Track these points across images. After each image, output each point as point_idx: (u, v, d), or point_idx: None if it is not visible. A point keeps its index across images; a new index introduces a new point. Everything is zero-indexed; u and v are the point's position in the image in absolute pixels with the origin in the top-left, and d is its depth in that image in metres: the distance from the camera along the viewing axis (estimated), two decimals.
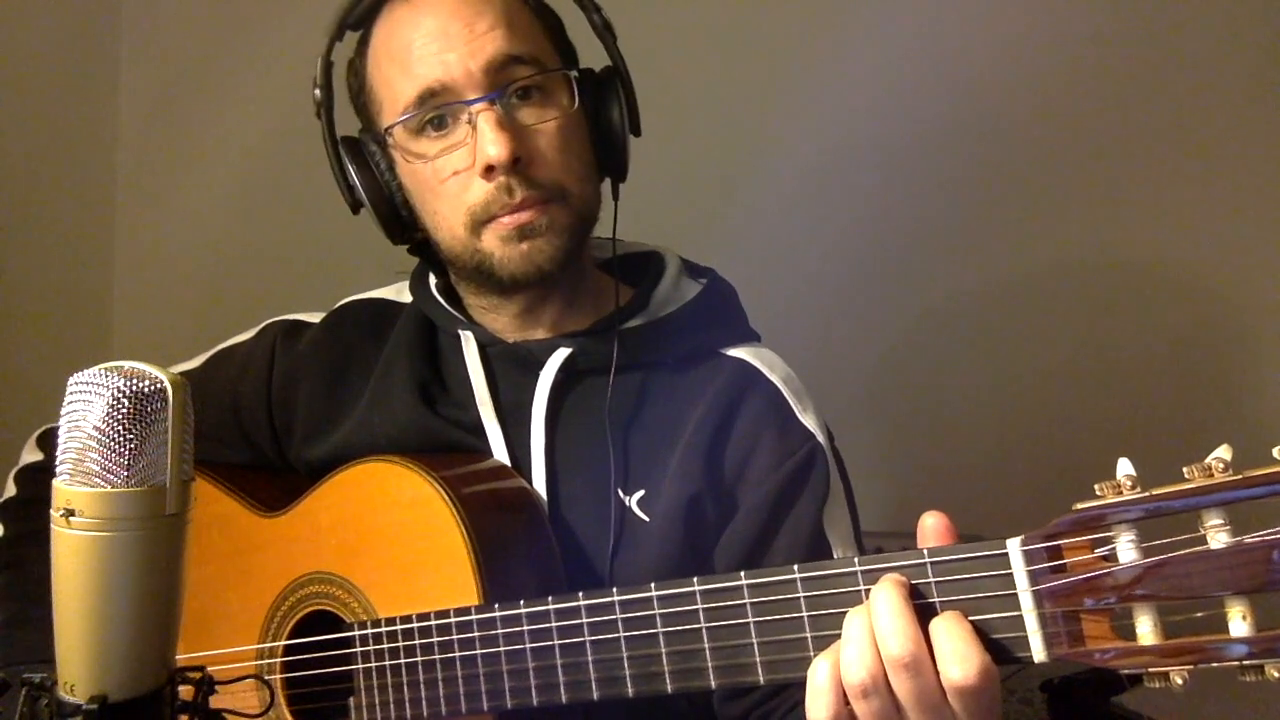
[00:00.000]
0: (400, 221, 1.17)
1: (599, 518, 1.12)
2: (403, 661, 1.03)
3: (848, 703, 0.77)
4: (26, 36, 2.34)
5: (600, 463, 1.13)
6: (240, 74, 2.53)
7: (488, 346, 1.20)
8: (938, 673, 0.74)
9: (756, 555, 1.10)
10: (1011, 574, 0.74)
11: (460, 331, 1.21)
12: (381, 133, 1.13)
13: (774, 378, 1.18)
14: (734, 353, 1.20)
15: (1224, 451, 0.68)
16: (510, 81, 1.08)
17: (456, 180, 1.09)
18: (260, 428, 1.31)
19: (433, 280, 1.26)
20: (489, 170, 1.06)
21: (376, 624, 1.06)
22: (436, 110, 1.08)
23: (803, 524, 1.11)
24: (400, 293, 1.31)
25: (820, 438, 1.15)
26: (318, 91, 1.17)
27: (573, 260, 1.14)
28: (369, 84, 1.15)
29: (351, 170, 1.16)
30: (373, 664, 1.06)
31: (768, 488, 1.12)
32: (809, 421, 1.15)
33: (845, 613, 0.79)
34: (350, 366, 1.27)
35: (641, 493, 1.13)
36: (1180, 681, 0.68)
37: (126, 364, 0.66)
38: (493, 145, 1.05)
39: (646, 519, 1.12)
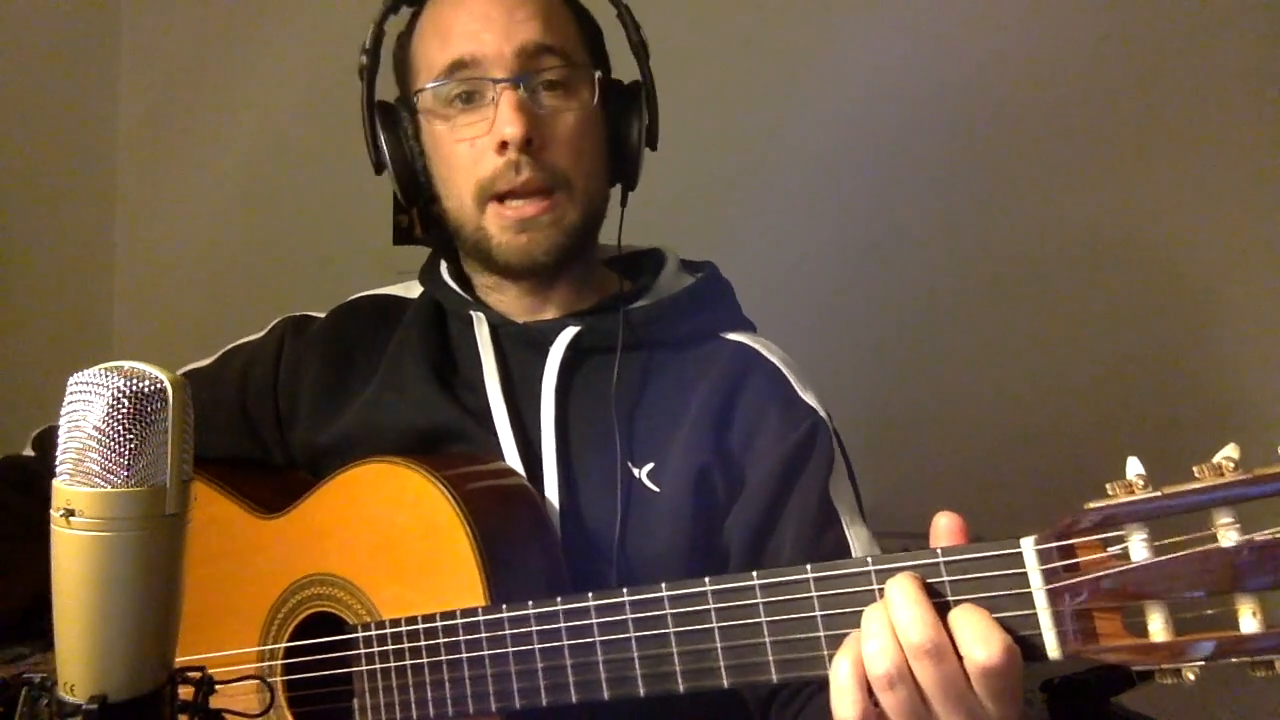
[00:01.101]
0: (417, 186, 1.23)
1: (610, 491, 1.14)
2: (409, 663, 1.03)
3: (873, 697, 0.76)
4: (26, 37, 2.34)
5: (609, 438, 1.15)
6: (240, 75, 2.54)
7: (499, 327, 1.23)
8: (960, 658, 0.73)
9: (767, 527, 1.12)
10: (1026, 572, 0.75)
11: (472, 313, 1.24)
12: (412, 97, 1.20)
13: (774, 359, 1.22)
14: (733, 337, 1.24)
15: (1232, 450, 0.68)
16: (538, 69, 1.15)
17: (471, 151, 1.15)
18: (265, 415, 1.32)
19: (444, 267, 1.29)
20: (502, 146, 1.12)
21: (381, 625, 1.06)
22: (464, 83, 1.15)
23: (811, 493, 1.13)
24: (408, 289, 1.34)
25: (822, 414, 1.18)
26: (364, 57, 1.23)
27: (573, 256, 1.19)
28: (410, 54, 1.22)
29: (381, 132, 1.22)
30: (376, 665, 1.06)
31: (774, 459, 1.14)
32: (810, 399, 1.18)
33: (858, 611, 0.79)
34: (356, 353, 1.29)
35: (651, 465, 1.15)
36: (1191, 678, 0.69)
37: (126, 364, 0.65)
38: (509, 124, 1.11)
39: (657, 489, 1.14)
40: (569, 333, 1.19)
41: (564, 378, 1.18)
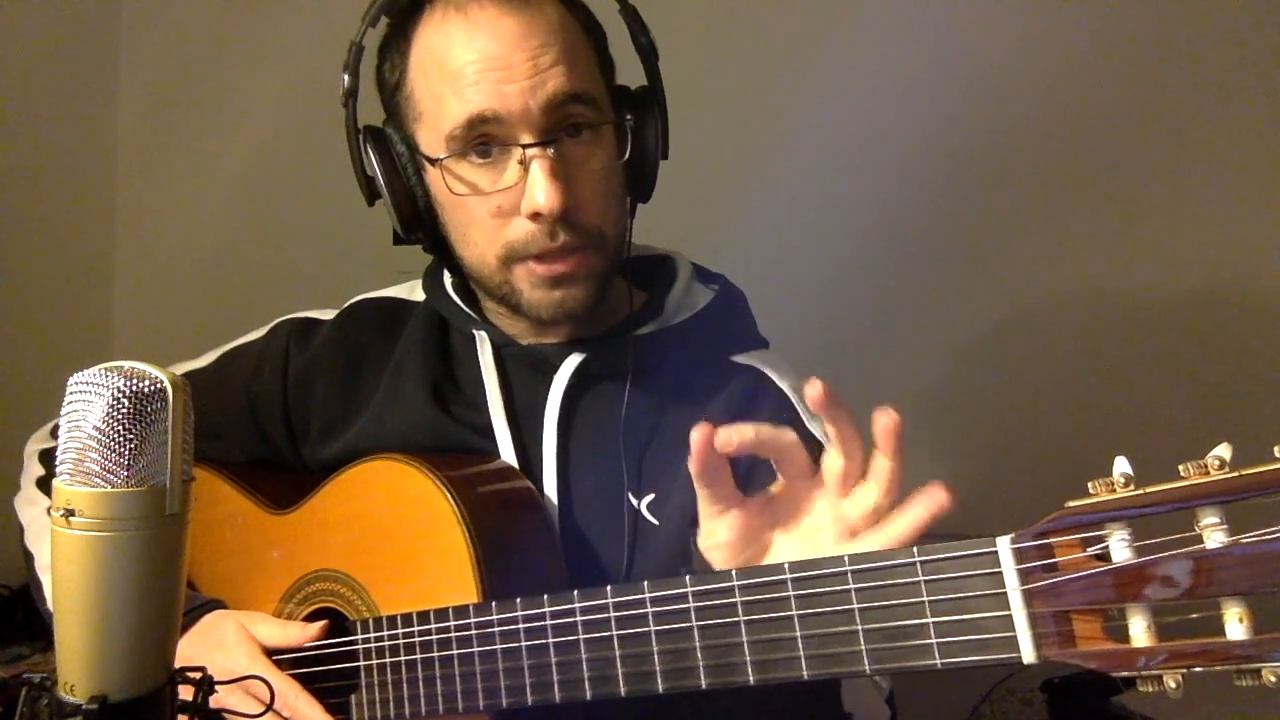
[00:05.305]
0: (418, 221, 1.15)
1: (610, 521, 1.13)
2: (402, 659, 1.04)
3: None
4: (26, 37, 2.34)
5: (611, 466, 1.13)
6: (240, 74, 2.54)
7: (502, 348, 1.21)
8: None
9: None
10: (1001, 573, 0.73)
11: (475, 332, 1.21)
12: (411, 135, 1.12)
13: (784, 385, 1.18)
14: (744, 360, 1.21)
15: (1223, 450, 0.66)
16: (566, 120, 1.06)
17: (498, 215, 1.08)
18: (277, 427, 1.31)
19: (448, 279, 1.26)
20: (536, 215, 1.05)
21: (378, 622, 1.07)
22: (483, 141, 1.06)
23: None
24: (412, 291, 1.32)
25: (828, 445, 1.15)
26: (346, 77, 1.13)
27: (602, 298, 1.14)
28: (410, 87, 1.12)
29: (374, 161, 1.13)
30: (374, 661, 1.06)
31: None
32: (818, 430, 1.15)
33: (835, 611, 0.79)
34: (364, 365, 1.28)
35: (651, 496, 1.13)
36: (1174, 685, 0.67)
37: (126, 364, 0.65)
38: (544, 194, 1.03)
39: (655, 522, 1.12)
40: (574, 359, 1.16)
41: (568, 404, 1.16)
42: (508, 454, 1.16)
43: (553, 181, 1.04)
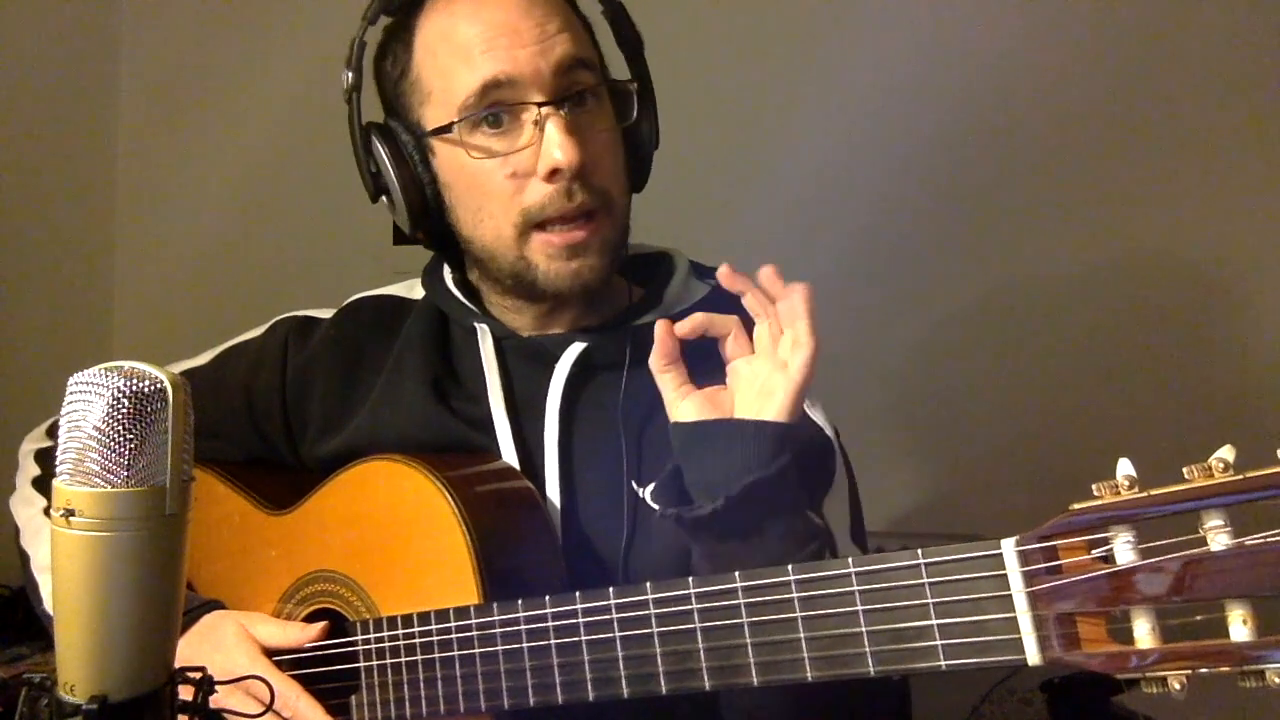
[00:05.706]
0: (425, 211, 1.16)
1: (613, 510, 1.12)
2: (403, 660, 1.03)
3: None
4: (26, 37, 2.35)
5: (613, 456, 1.13)
6: (240, 73, 2.54)
7: (503, 340, 1.21)
8: None
9: None
10: (1006, 575, 0.74)
11: (476, 325, 1.21)
12: (417, 121, 1.13)
13: None
14: None
15: (1227, 452, 0.67)
16: (575, 85, 1.09)
17: (514, 181, 1.09)
18: (275, 425, 1.31)
19: (448, 274, 1.26)
20: (553, 173, 1.07)
21: (378, 623, 1.07)
22: (497, 106, 1.07)
23: None
24: (411, 289, 1.32)
25: (828, 431, 1.16)
26: (349, 74, 1.15)
27: (611, 274, 1.15)
28: (416, 72, 1.13)
29: (383, 155, 1.14)
30: (374, 662, 1.06)
31: None
32: (817, 416, 1.16)
33: (838, 614, 0.79)
34: (362, 362, 1.27)
35: (655, 484, 1.12)
36: (1178, 686, 0.67)
37: (126, 364, 0.65)
38: (561, 150, 1.05)
39: (659, 509, 1.11)
40: (575, 349, 1.16)
41: (569, 393, 1.16)
42: (507, 446, 1.16)
43: (568, 137, 1.06)
